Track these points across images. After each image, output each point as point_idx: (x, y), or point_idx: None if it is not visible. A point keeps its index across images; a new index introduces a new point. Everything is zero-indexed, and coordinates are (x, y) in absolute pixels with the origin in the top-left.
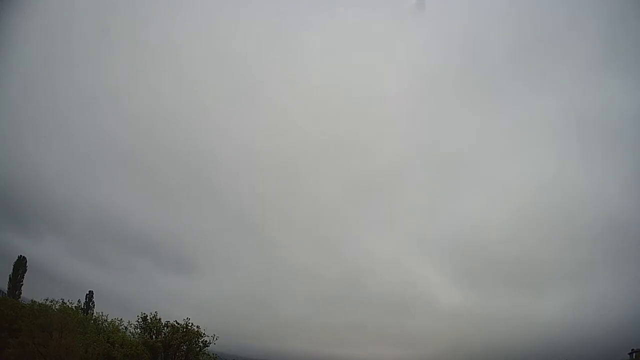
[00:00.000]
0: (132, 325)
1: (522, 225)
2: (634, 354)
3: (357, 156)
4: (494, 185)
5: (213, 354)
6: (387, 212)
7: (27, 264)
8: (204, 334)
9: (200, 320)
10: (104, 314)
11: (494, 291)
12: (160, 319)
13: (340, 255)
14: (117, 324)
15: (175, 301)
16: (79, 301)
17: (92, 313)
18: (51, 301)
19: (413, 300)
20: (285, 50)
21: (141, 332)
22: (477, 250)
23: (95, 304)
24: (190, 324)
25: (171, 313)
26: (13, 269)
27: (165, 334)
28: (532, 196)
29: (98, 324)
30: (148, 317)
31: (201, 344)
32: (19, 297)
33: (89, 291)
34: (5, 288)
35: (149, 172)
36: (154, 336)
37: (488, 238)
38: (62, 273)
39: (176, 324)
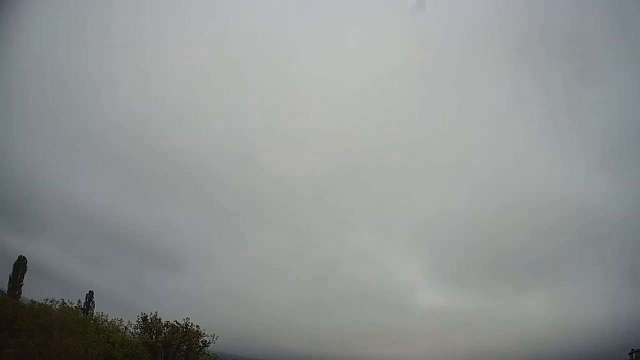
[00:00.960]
0: (132, 325)
1: (501, 218)
2: (634, 354)
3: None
4: (474, 177)
5: (213, 353)
6: (362, 208)
7: (27, 264)
8: (203, 333)
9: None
10: (104, 314)
11: (478, 288)
12: (160, 319)
13: (318, 254)
14: (117, 324)
15: (167, 300)
16: (79, 301)
17: (92, 313)
18: (51, 301)
19: (397, 299)
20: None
21: (141, 332)
22: (457, 245)
23: (95, 304)
24: (190, 324)
25: (163, 312)
26: (13, 269)
27: (165, 334)
28: (509, 188)
29: (98, 324)
30: (148, 317)
31: (201, 344)
32: (19, 297)
33: (89, 291)
34: (5, 288)
35: (135, 173)
36: (154, 336)
37: (469, 231)
38: (62, 273)
39: (176, 324)
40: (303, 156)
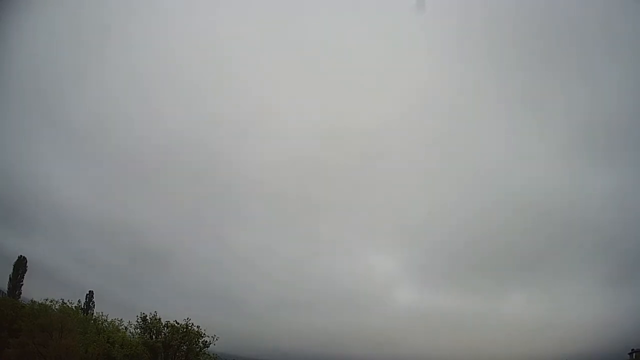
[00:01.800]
0: (132, 325)
1: (490, 218)
2: (634, 354)
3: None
4: (462, 177)
5: (213, 354)
6: (348, 207)
7: (27, 264)
8: (204, 334)
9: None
10: (104, 314)
11: (467, 288)
12: (160, 319)
13: (308, 254)
14: (117, 324)
15: (167, 300)
16: (79, 301)
17: (92, 313)
18: (51, 301)
19: (383, 299)
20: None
21: (141, 332)
22: (445, 245)
23: (95, 304)
24: (190, 324)
25: (162, 312)
26: (13, 269)
27: (165, 334)
28: (497, 188)
29: (98, 324)
30: (148, 317)
31: (201, 344)
32: (19, 297)
33: (89, 291)
34: (5, 288)
35: (131, 174)
36: (154, 336)
37: (456, 231)
38: (62, 273)
39: (176, 324)
40: (290, 156)
